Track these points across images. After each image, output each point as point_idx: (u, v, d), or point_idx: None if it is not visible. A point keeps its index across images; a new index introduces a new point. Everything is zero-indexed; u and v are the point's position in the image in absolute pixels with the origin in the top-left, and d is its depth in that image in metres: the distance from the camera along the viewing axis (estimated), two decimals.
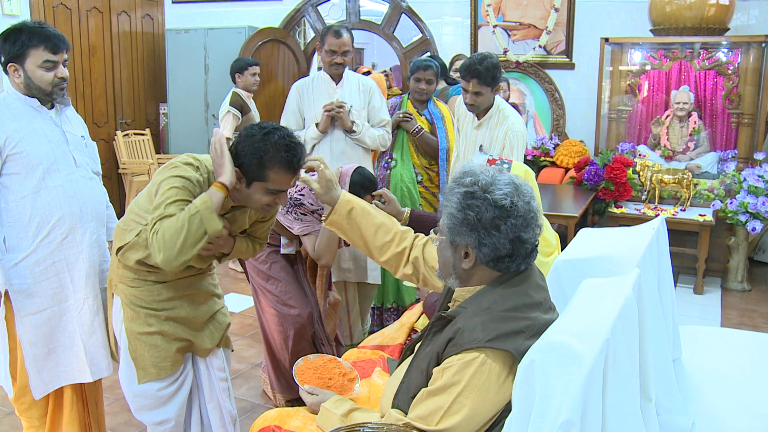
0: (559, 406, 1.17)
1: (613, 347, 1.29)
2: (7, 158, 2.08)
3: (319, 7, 6.53)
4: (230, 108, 4.65)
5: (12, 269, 2.15)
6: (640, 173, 5.09)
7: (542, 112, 5.91)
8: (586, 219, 5.12)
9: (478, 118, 3.25)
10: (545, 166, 5.70)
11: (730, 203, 4.57)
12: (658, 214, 4.20)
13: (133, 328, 2.00)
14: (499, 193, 1.47)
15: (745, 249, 4.79)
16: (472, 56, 3.14)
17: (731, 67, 4.97)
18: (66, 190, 2.16)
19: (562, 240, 2.95)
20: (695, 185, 5.06)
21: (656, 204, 5.07)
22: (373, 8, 7.09)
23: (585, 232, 2.19)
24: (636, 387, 1.48)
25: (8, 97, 2.14)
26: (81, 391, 2.38)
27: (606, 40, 5.23)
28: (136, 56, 6.75)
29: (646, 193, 5.12)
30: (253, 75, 4.82)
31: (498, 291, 1.49)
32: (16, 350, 2.25)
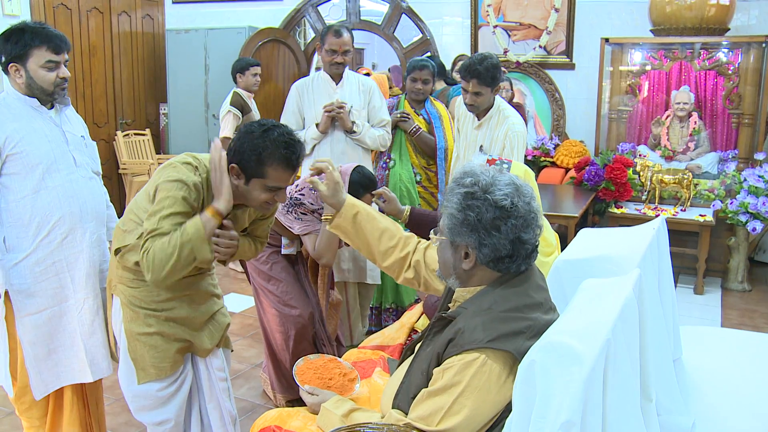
0: (560, 406, 1.16)
1: (613, 347, 1.29)
2: (7, 158, 2.08)
3: (319, 8, 6.53)
4: (231, 108, 4.66)
5: (12, 269, 2.15)
6: (641, 173, 5.08)
7: (542, 113, 5.91)
8: (586, 219, 5.11)
9: (478, 119, 3.25)
10: (545, 166, 5.70)
11: (731, 203, 4.57)
12: (659, 215, 4.20)
13: (132, 329, 2.00)
14: (500, 194, 1.46)
15: (745, 249, 4.79)
16: (472, 56, 3.14)
17: (731, 68, 4.97)
18: (66, 190, 2.16)
19: (563, 240, 2.95)
20: (695, 185, 5.05)
21: (656, 204, 5.06)
22: (374, 8, 7.09)
23: (585, 233, 2.19)
24: (636, 387, 1.48)
25: (8, 97, 2.14)
26: (81, 391, 2.38)
27: (606, 40, 5.23)
28: (137, 56, 6.75)
29: (646, 193, 5.12)
30: (254, 75, 4.83)
31: (498, 291, 1.49)
32: (16, 350, 2.25)
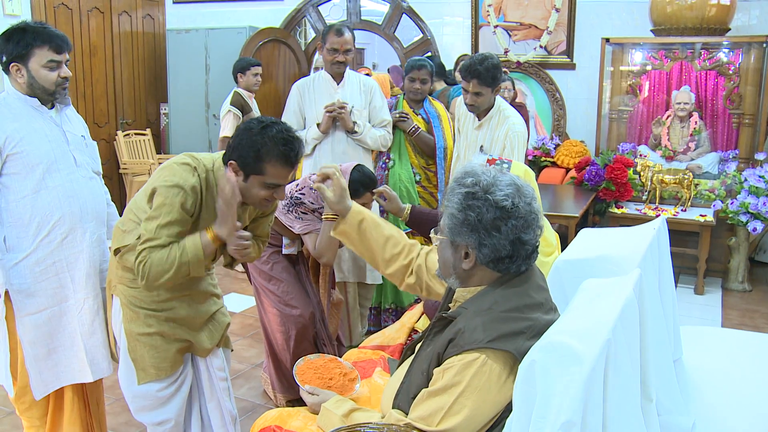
0: (560, 406, 1.16)
1: (613, 347, 1.29)
2: (7, 158, 2.08)
3: (319, 7, 6.53)
4: (231, 107, 4.66)
5: (12, 269, 2.15)
6: (641, 173, 5.08)
7: (543, 113, 5.91)
8: (586, 219, 5.11)
9: (478, 119, 3.25)
10: (546, 166, 5.69)
11: (731, 203, 4.57)
12: (659, 215, 4.21)
13: (132, 329, 2.00)
14: (500, 194, 1.46)
15: (745, 249, 4.79)
16: (472, 56, 3.14)
17: (732, 68, 4.96)
18: (66, 189, 2.16)
19: (563, 240, 2.94)
20: (696, 185, 5.05)
21: (657, 204, 5.06)
22: (374, 8, 7.09)
23: (586, 233, 2.19)
24: (637, 387, 1.48)
25: (8, 96, 2.14)
26: (82, 390, 2.38)
27: (607, 40, 5.23)
28: (137, 56, 6.74)
29: (646, 193, 5.12)
30: (255, 75, 4.84)
31: (499, 291, 1.49)
32: (16, 350, 2.25)
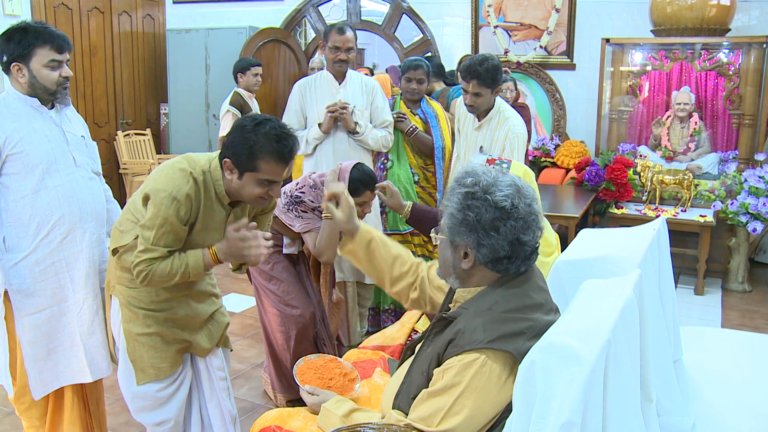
0: (560, 406, 1.16)
1: (614, 348, 1.29)
2: (7, 158, 2.08)
3: (320, 8, 6.53)
4: (230, 107, 4.67)
5: (12, 269, 2.15)
6: (641, 174, 5.08)
7: (543, 113, 5.91)
8: (586, 220, 5.11)
9: (478, 120, 3.25)
10: (546, 166, 5.69)
11: (731, 204, 4.57)
12: (659, 215, 4.21)
13: (131, 329, 2.00)
14: (500, 195, 1.46)
15: (745, 250, 4.78)
16: (472, 57, 3.14)
17: (732, 68, 4.96)
18: (66, 189, 2.16)
19: (563, 241, 2.95)
20: (696, 186, 5.05)
21: (657, 205, 5.06)
22: (374, 8, 7.10)
23: (586, 233, 2.19)
24: (637, 388, 1.48)
25: (8, 96, 2.14)
26: (82, 391, 2.38)
27: (607, 40, 5.23)
28: (137, 56, 6.74)
29: (646, 193, 5.12)
30: (255, 75, 4.84)
31: (499, 292, 1.49)
32: (16, 350, 2.25)
